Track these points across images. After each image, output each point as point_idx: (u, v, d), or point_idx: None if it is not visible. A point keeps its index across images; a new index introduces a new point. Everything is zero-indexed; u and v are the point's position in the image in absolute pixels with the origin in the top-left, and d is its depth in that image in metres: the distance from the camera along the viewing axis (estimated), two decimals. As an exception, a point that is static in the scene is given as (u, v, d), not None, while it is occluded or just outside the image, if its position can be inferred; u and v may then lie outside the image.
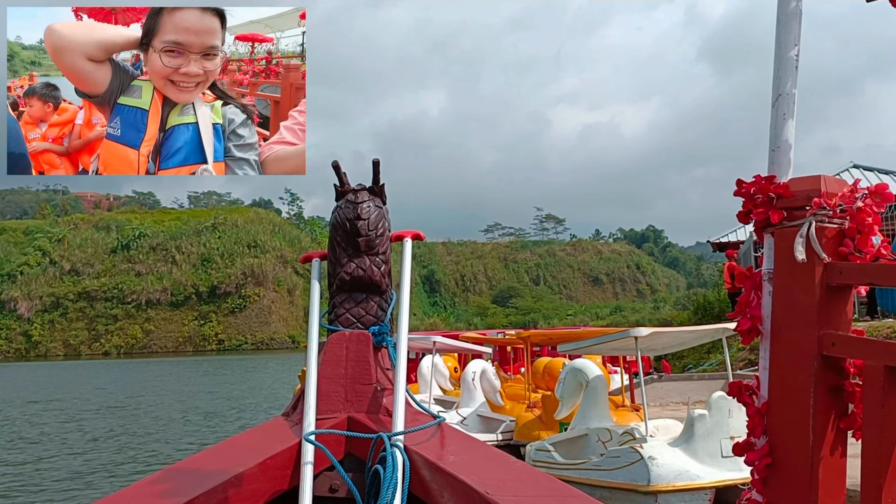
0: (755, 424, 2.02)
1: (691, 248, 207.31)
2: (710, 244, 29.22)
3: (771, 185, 1.97)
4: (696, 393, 16.08)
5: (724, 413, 7.73)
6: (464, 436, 2.67)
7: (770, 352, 1.99)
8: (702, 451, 7.64)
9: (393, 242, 2.78)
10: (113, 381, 46.56)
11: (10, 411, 29.38)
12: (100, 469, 16.19)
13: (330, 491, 2.44)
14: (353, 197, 2.66)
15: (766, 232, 2.01)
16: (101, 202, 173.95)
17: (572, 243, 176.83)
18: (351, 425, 2.53)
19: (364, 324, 2.68)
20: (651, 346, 9.01)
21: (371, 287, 2.68)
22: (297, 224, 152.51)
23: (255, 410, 26.41)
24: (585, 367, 9.21)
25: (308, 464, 2.30)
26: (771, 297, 2.00)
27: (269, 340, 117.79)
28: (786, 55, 2.02)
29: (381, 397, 2.59)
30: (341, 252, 2.68)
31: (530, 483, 2.19)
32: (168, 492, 2.14)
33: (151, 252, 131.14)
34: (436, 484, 2.23)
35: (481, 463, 2.31)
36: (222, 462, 2.32)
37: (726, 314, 16.04)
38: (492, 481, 2.12)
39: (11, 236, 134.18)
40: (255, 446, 2.42)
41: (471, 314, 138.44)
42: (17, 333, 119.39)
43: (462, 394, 13.83)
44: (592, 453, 8.59)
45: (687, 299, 68.72)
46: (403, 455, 2.26)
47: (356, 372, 2.61)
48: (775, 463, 1.95)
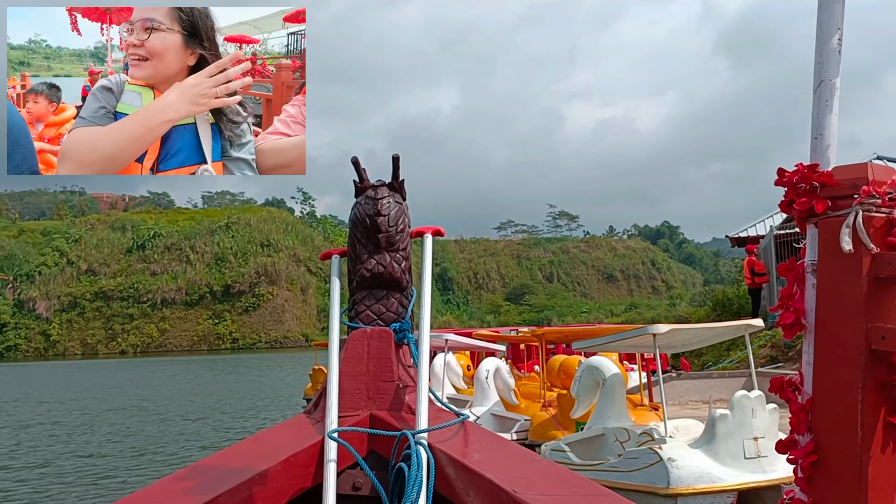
0: (799, 421, 1.93)
1: (707, 244, 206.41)
2: (728, 239, 28.77)
3: (814, 173, 1.90)
4: (716, 391, 15.83)
5: (748, 413, 7.47)
6: (488, 433, 2.62)
7: (814, 346, 1.92)
8: (724, 453, 7.38)
9: (413, 238, 2.76)
10: (130, 381, 46.71)
11: (34, 410, 29.45)
12: (122, 467, 16.13)
13: (353, 489, 2.40)
14: (372, 193, 2.63)
15: (810, 223, 1.94)
16: (117, 203, 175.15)
17: (586, 240, 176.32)
18: (373, 423, 2.50)
19: (385, 321, 2.65)
20: (670, 344, 8.75)
21: (391, 283, 2.66)
22: (310, 223, 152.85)
23: (274, 409, 26.32)
24: (602, 365, 8.97)
25: (331, 462, 2.27)
26: (815, 290, 1.92)
27: (283, 339, 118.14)
28: (828, 40, 1.95)
29: (404, 395, 2.55)
30: (361, 248, 2.66)
31: (558, 481, 2.14)
32: (192, 489, 2.12)
33: (166, 252, 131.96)
34: (461, 482, 2.19)
35: (507, 461, 2.27)
36: (245, 460, 2.29)
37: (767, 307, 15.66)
38: (519, 479, 2.08)
39: (30, 237, 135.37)
40: (277, 444, 2.39)
41: (484, 312, 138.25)
42: (35, 333, 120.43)
43: (475, 392, 13.61)
44: (609, 454, 8.37)
45: (703, 296, 68.33)
46: (428, 453, 2.23)
47: (378, 369, 2.58)
48: (821, 461, 1.88)
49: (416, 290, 2.74)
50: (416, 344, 2.65)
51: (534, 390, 14.42)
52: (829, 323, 1.89)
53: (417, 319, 2.69)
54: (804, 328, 1.94)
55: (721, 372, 17.70)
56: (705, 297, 60.52)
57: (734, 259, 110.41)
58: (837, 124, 1.97)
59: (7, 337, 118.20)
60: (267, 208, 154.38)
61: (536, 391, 14.12)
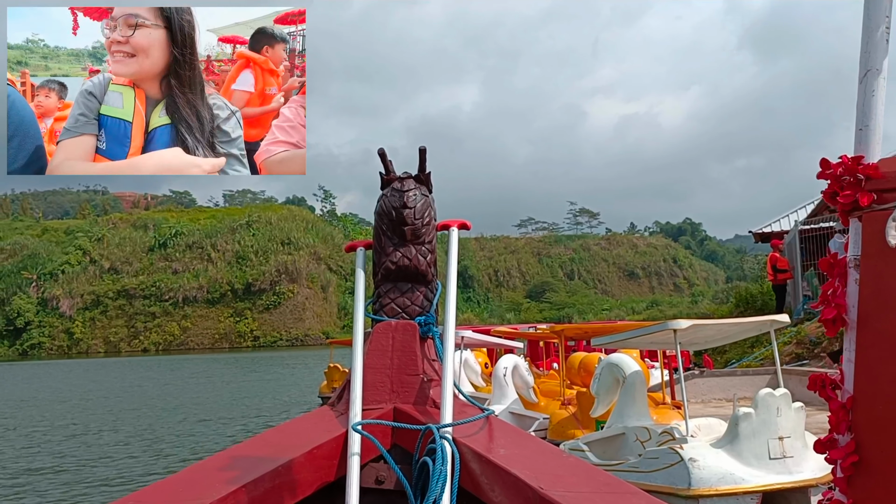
0: (839, 420, 1.89)
1: (730, 240, 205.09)
2: (752, 234, 28.36)
3: (859, 165, 1.87)
4: (739, 389, 15.52)
5: (772, 411, 7.21)
6: (514, 429, 2.58)
7: (857, 343, 1.87)
8: (747, 453, 7.12)
9: (438, 231, 2.74)
10: (152, 378, 46.96)
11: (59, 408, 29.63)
12: (154, 462, 16.13)
13: (376, 482, 2.38)
14: (399, 185, 2.61)
15: (853, 216, 1.90)
16: (139, 201, 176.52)
17: (607, 237, 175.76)
18: (397, 416, 2.48)
19: (409, 314, 2.63)
20: (692, 340, 8.49)
21: (417, 276, 2.63)
22: (331, 221, 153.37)
23: (295, 407, 26.28)
24: (622, 362, 8.73)
25: (355, 455, 2.24)
26: (858, 286, 1.89)
27: (304, 336, 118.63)
28: (875, 29, 1.90)
29: (428, 388, 2.53)
30: (387, 241, 2.63)
31: (585, 478, 2.11)
32: (215, 479, 2.12)
33: (188, 250, 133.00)
34: (486, 477, 2.17)
35: (533, 456, 2.24)
36: (269, 451, 2.28)
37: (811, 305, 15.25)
38: (545, 475, 2.05)
39: (53, 236, 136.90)
40: (301, 436, 2.38)
41: (504, 309, 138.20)
42: (59, 331, 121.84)
43: (493, 390, 13.37)
44: (630, 454, 8.14)
45: (726, 293, 67.82)
46: (453, 447, 2.21)
47: (402, 362, 2.56)
48: (862, 461, 1.84)
49: (441, 284, 2.71)
50: (440, 338, 2.62)
51: (553, 388, 14.19)
52: (872, 319, 1.84)
53: (441, 313, 2.66)
54: (846, 324, 1.89)
55: (745, 369, 17.39)
56: (728, 294, 60.07)
57: (757, 256, 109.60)
58: (884, 115, 1.93)
59: (31, 335, 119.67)
60: (287, 206, 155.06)
61: (555, 389, 13.90)
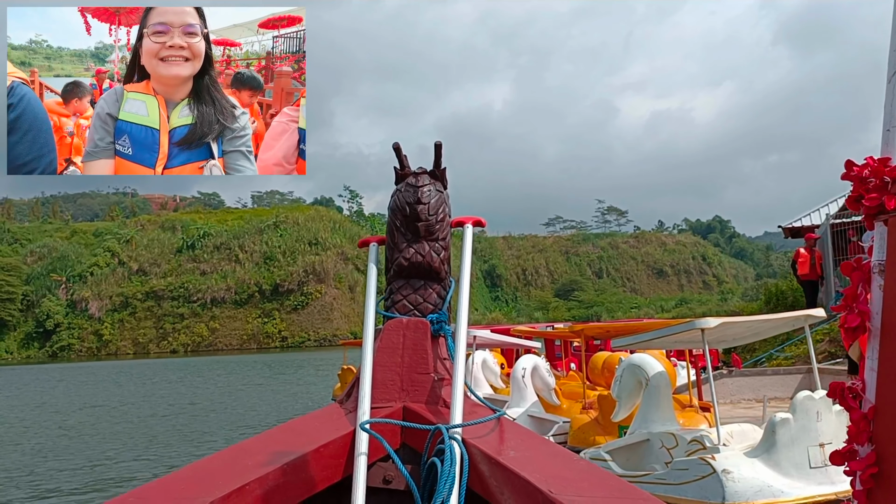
0: (860, 431, 1.79)
1: (759, 237, 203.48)
2: (782, 230, 27.50)
3: (886, 167, 1.78)
4: (770, 389, 14.88)
5: (812, 416, 6.49)
6: (525, 431, 2.50)
7: (880, 352, 1.77)
8: (786, 462, 6.39)
9: (453, 228, 2.70)
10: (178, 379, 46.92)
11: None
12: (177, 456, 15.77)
13: (384, 482, 2.35)
14: (413, 180, 2.57)
15: (878, 220, 1.81)
16: (168, 203, 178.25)
17: (635, 235, 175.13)
18: (406, 415, 2.44)
19: (422, 311, 2.59)
20: (720, 338, 7.76)
21: (430, 273, 2.60)
22: (358, 221, 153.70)
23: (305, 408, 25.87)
24: (644, 363, 8.02)
25: (362, 454, 2.20)
26: (882, 292, 1.78)
27: (332, 337, 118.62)
28: None
29: (439, 388, 2.49)
30: (400, 237, 2.60)
31: (597, 483, 2.03)
32: (219, 476, 2.07)
33: (215, 251, 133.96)
34: (495, 480, 2.11)
35: (544, 459, 2.17)
36: (276, 448, 2.22)
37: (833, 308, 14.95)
38: (555, 479, 1.98)
39: (82, 238, 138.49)
40: (308, 433, 2.33)
41: (532, 308, 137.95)
42: (88, 332, 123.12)
43: (512, 392, 12.65)
44: (656, 462, 7.46)
45: (756, 290, 67.01)
46: (462, 448, 2.15)
47: (413, 361, 2.53)
48: (882, 474, 1.75)
49: (455, 281, 2.68)
50: (452, 336, 2.59)
51: (573, 390, 13.48)
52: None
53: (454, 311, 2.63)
54: (869, 332, 1.79)
55: (775, 368, 16.63)
56: (758, 291, 59.35)
57: (786, 253, 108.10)
58: None
59: (61, 337, 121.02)
60: (315, 207, 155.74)
61: (576, 391, 13.20)
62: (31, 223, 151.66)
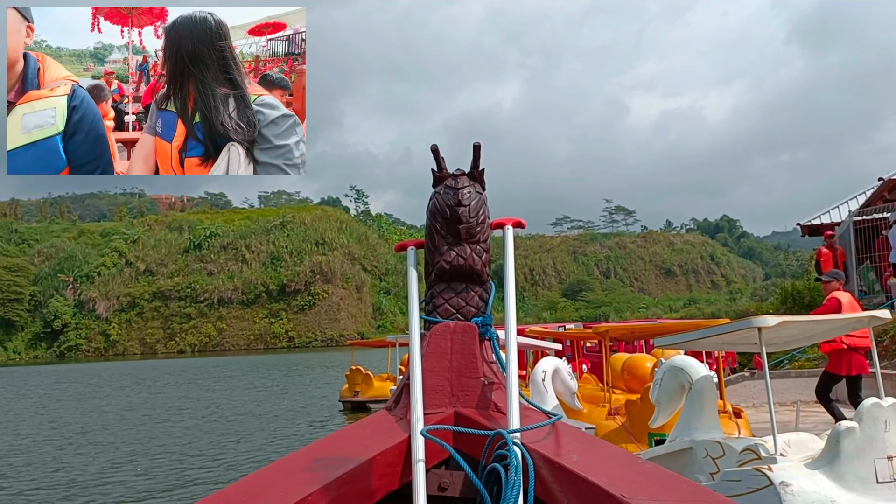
0: None
1: (767, 237, 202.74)
2: (800, 227, 26.84)
3: None
4: (794, 392, 14.35)
5: (880, 426, 5.89)
6: (584, 435, 2.44)
7: None
8: (850, 476, 5.81)
9: (492, 230, 2.66)
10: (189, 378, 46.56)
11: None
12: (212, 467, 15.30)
13: (439, 489, 2.33)
14: (452, 182, 2.53)
15: None
16: (175, 203, 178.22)
17: (643, 235, 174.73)
18: (459, 421, 2.40)
19: (464, 315, 2.55)
20: (771, 340, 7.20)
21: (472, 276, 2.57)
22: (365, 221, 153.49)
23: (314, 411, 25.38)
24: (687, 365, 7.43)
25: (420, 461, 2.18)
26: None
27: (339, 337, 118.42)
28: None
29: (489, 392, 2.45)
30: (440, 240, 2.56)
31: (669, 486, 1.94)
32: (280, 488, 2.03)
33: (222, 251, 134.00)
34: (559, 485, 2.05)
35: (608, 463, 2.10)
36: (332, 458, 2.20)
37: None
38: (625, 483, 1.90)
39: (89, 238, 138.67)
40: (363, 442, 2.31)
41: (540, 308, 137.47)
42: (96, 333, 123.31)
43: (531, 396, 12.02)
44: (699, 472, 6.89)
45: (765, 290, 66.40)
46: (525, 453, 2.10)
47: (462, 365, 2.48)
48: None
49: (494, 284, 2.64)
50: (497, 339, 2.57)
51: (592, 393, 12.86)
52: None
53: None
54: None
55: (799, 370, 16.03)
56: (767, 291, 58.83)
57: (796, 252, 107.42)
58: None
59: (68, 337, 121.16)
60: (322, 207, 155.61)
61: (596, 394, 12.58)
62: (38, 223, 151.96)
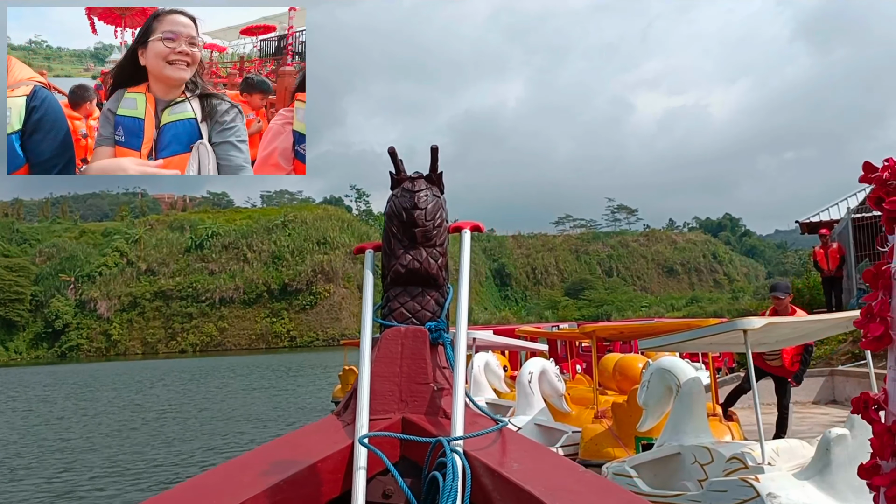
0: (883, 445, 1.67)
1: (770, 235, 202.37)
2: (798, 225, 26.56)
3: None
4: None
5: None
6: (529, 442, 2.41)
7: None
8: (842, 485, 5.48)
9: (451, 234, 2.63)
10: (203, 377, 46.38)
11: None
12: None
13: (383, 496, 2.27)
14: (409, 185, 2.51)
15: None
16: (177, 203, 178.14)
17: (645, 233, 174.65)
18: (406, 427, 2.36)
19: (420, 319, 2.51)
20: (761, 341, 6.89)
21: (427, 280, 2.53)
22: (366, 220, 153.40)
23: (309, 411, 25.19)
24: (675, 367, 7.12)
25: (361, 469, 2.12)
26: None
27: (340, 336, 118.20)
28: None
29: (439, 398, 2.41)
30: (396, 243, 2.53)
31: (606, 496, 1.98)
32: (214, 493, 2.00)
33: (224, 251, 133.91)
34: (498, 494, 2.03)
35: (549, 472, 2.11)
36: (273, 463, 2.13)
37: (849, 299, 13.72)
38: (562, 492, 1.93)
39: (91, 238, 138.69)
40: (306, 448, 2.24)
41: (542, 307, 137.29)
42: (97, 333, 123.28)
43: (518, 398, 11.67)
44: (687, 479, 6.60)
45: (768, 289, 66.08)
46: (464, 461, 2.07)
47: (412, 370, 2.45)
48: None
49: (453, 288, 2.63)
50: (451, 344, 2.53)
51: (583, 395, 12.53)
52: None
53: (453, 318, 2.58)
54: (893, 341, 1.73)
55: (794, 371, 15.79)
56: (770, 290, 58.47)
57: (797, 251, 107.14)
58: None
59: (70, 337, 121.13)
60: (323, 206, 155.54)
61: (586, 396, 12.24)
62: (40, 223, 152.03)
